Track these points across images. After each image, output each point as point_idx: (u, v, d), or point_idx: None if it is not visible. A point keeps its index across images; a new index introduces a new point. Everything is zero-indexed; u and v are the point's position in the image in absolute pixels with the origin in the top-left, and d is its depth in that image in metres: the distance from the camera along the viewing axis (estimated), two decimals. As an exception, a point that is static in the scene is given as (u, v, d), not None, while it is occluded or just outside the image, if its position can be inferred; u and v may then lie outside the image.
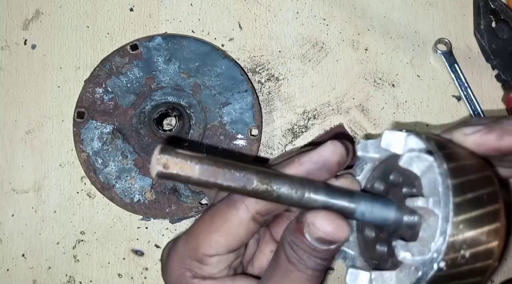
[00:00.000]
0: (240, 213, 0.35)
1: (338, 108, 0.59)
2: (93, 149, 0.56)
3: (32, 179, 0.57)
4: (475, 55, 0.61)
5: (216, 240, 0.36)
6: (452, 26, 0.61)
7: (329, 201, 0.31)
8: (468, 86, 0.60)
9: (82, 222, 0.57)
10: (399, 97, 0.60)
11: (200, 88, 0.57)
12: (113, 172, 0.55)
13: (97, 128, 0.56)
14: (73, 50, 0.59)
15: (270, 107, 0.59)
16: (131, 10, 0.60)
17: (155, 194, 0.55)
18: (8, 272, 0.56)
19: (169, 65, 0.57)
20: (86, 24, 0.59)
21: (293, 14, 0.60)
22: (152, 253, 0.57)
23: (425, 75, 0.60)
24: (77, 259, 0.56)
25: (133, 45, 0.57)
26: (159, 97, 0.56)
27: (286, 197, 0.29)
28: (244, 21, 0.60)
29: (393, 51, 0.60)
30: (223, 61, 0.57)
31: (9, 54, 0.59)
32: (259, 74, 0.59)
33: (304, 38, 0.60)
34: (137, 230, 0.57)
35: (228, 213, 0.35)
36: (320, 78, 0.60)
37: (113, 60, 0.57)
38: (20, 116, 0.58)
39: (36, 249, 0.56)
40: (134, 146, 0.56)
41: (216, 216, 0.36)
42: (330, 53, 0.60)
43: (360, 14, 0.61)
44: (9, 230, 0.56)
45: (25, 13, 0.59)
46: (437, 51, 0.60)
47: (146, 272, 0.56)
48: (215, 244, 0.36)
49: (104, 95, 0.56)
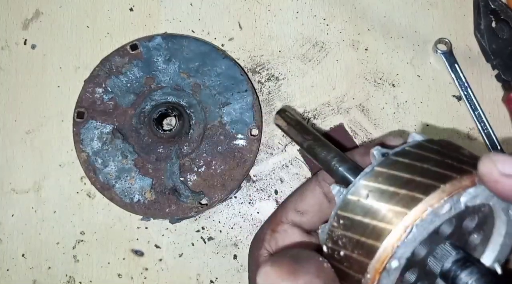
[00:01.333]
0: (312, 180, 0.40)
1: (338, 108, 0.59)
2: (93, 149, 0.56)
3: (32, 179, 0.57)
4: (475, 55, 0.61)
5: (289, 200, 0.40)
6: (452, 26, 0.61)
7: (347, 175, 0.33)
8: (468, 86, 0.59)
9: (82, 222, 0.57)
10: (399, 97, 0.60)
11: (200, 88, 0.57)
12: (113, 172, 0.55)
13: (97, 128, 0.56)
14: (73, 50, 0.59)
15: (270, 107, 0.59)
16: (131, 10, 0.60)
17: (155, 194, 0.55)
18: (8, 272, 0.56)
19: (169, 65, 0.57)
20: (86, 24, 0.59)
21: (293, 14, 0.60)
22: (152, 253, 0.57)
23: (425, 75, 0.60)
24: (77, 259, 0.56)
25: (133, 45, 0.57)
26: (159, 97, 0.56)
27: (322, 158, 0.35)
28: (244, 21, 0.60)
29: (393, 51, 0.60)
30: (223, 61, 0.57)
31: (9, 54, 0.59)
32: (259, 74, 0.59)
33: (304, 38, 0.60)
34: (137, 230, 0.57)
35: (303, 184, 0.41)
36: (320, 78, 0.60)
37: (113, 60, 0.57)
38: (20, 116, 0.58)
39: (36, 249, 0.56)
40: (134, 146, 0.56)
41: (297, 188, 0.42)
42: (330, 53, 0.60)
43: (360, 14, 0.61)
44: (9, 230, 0.56)
45: (25, 13, 0.59)
46: (437, 51, 0.60)
47: (146, 272, 0.56)
48: (287, 204, 0.40)
49: (104, 95, 0.56)
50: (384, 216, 0.26)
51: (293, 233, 0.40)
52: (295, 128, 0.40)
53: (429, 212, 0.25)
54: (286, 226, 0.40)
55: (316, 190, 0.40)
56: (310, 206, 0.40)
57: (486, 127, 0.59)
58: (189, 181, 0.56)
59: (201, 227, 0.57)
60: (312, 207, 0.40)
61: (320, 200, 0.40)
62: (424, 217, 0.25)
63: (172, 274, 0.57)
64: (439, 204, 0.25)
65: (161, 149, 0.56)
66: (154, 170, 0.56)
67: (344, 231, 0.28)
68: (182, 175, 0.55)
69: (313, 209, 0.40)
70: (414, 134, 0.31)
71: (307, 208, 0.40)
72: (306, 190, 0.40)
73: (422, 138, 0.30)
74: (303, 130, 0.39)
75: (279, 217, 0.40)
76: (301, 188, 0.41)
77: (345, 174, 0.33)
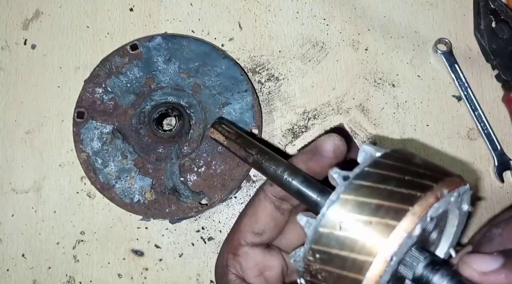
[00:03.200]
0: (260, 196, 0.40)
1: (338, 108, 0.59)
2: (93, 149, 0.56)
3: (32, 179, 0.57)
4: (475, 55, 0.61)
5: (244, 223, 0.40)
6: (452, 26, 0.61)
7: (302, 187, 0.34)
8: (468, 86, 0.59)
9: (82, 222, 0.57)
10: (399, 97, 0.60)
11: (200, 88, 0.57)
12: (113, 172, 0.55)
13: (97, 128, 0.56)
14: (73, 50, 0.59)
15: (270, 107, 0.59)
16: (131, 10, 0.60)
17: (155, 194, 0.55)
18: (8, 272, 0.56)
19: (169, 65, 0.57)
20: (86, 24, 0.59)
21: (293, 14, 0.60)
22: (152, 253, 0.57)
23: (425, 75, 0.60)
24: (77, 259, 0.56)
25: (133, 45, 0.57)
26: (159, 97, 0.56)
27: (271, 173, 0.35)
28: (244, 21, 0.60)
29: (393, 51, 0.60)
30: (223, 61, 0.57)
31: (9, 54, 0.59)
32: (259, 74, 0.59)
33: (304, 38, 0.60)
34: (137, 230, 0.57)
35: (252, 200, 0.41)
36: (320, 78, 0.60)
37: (113, 60, 0.57)
38: (20, 116, 0.58)
39: (36, 249, 0.56)
40: (134, 146, 0.56)
41: (246, 206, 0.42)
42: (330, 53, 0.60)
43: (360, 14, 0.61)
44: (9, 230, 0.56)
45: (25, 13, 0.59)
46: (437, 51, 0.60)
47: (146, 272, 0.56)
48: (243, 227, 0.40)
49: (104, 95, 0.56)
50: (361, 247, 0.26)
51: (255, 253, 0.40)
52: (236, 142, 0.38)
53: (405, 238, 0.26)
54: (246, 248, 0.40)
55: (267, 208, 0.40)
56: (266, 225, 0.40)
57: (486, 127, 0.59)
58: (189, 181, 0.56)
59: (201, 227, 0.57)
60: (268, 226, 0.40)
61: (274, 216, 0.40)
62: (401, 242, 0.26)
63: (172, 274, 0.57)
64: (412, 227, 0.26)
65: (161, 149, 0.56)
66: (154, 170, 0.56)
67: (322, 265, 0.28)
68: (182, 175, 0.55)
69: (269, 226, 0.40)
70: (365, 146, 0.31)
71: (263, 228, 0.40)
72: (258, 209, 0.40)
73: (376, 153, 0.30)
74: (245, 143, 0.38)
75: (236, 240, 0.41)
76: (252, 207, 0.41)
77: (300, 188, 0.33)
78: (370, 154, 0.31)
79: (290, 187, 0.34)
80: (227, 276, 0.41)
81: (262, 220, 0.40)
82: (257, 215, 0.40)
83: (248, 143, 0.37)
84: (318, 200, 0.33)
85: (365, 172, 0.29)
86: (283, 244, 0.42)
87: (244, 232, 0.40)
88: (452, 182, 0.28)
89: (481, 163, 0.59)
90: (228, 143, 0.38)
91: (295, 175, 0.34)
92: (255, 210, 0.40)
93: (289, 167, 0.35)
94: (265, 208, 0.40)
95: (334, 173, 0.30)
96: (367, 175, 0.28)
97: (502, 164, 0.59)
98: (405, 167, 0.29)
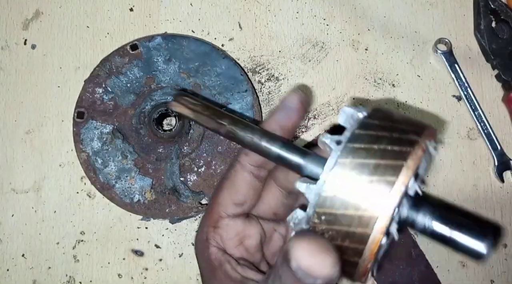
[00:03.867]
0: (236, 168, 0.40)
1: (338, 108, 0.59)
2: (93, 149, 0.56)
3: (32, 179, 0.57)
4: (475, 55, 0.61)
5: (223, 196, 0.40)
6: (452, 26, 0.61)
7: (282, 152, 0.34)
8: (468, 86, 0.59)
9: (82, 222, 0.57)
10: (399, 97, 0.60)
11: (200, 88, 0.57)
12: (113, 172, 0.55)
13: (97, 128, 0.56)
14: (73, 50, 0.59)
15: (270, 107, 0.59)
16: (131, 10, 0.60)
17: (155, 194, 0.55)
18: (8, 272, 0.56)
19: (169, 65, 0.57)
20: (86, 24, 0.59)
21: (293, 14, 0.60)
22: (152, 253, 0.57)
23: (425, 75, 0.60)
24: (77, 259, 0.56)
25: (133, 45, 0.57)
26: (159, 97, 0.56)
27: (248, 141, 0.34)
28: (244, 21, 0.60)
29: (393, 51, 0.60)
30: (223, 61, 0.57)
31: (9, 54, 0.59)
32: (259, 74, 0.59)
33: (304, 38, 0.60)
34: (137, 230, 0.57)
35: (228, 173, 0.41)
36: (320, 78, 0.60)
37: (113, 60, 0.57)
38: (20, 116, 0.58)
39: (36, 249, 0.56)
40: (134, 146, 0.56)
41: (222, 180, 0.41)
42: (330, 53, 0.60)
43: (360, 14, 0.61)
44: (9, 230, 0.56)
45: (25, 13, 0.59)
46: (437, 51, 0.60)
47: (146, 272, 0.56)
48: (222, 200, 0.40)
49: (104, 95, 0.56)
50: (367, 205, 0.28)
51: (236, 224, 0.41)
52: (204, 114, 0.36)
53: (404, 191, 0.28)
54: (227, 220, 0.41)
55: (246, 177, 0.40)
56: (246, 195, 0.40)
57: (486, 127, 0.59)
58: (189, 181, 0.56)
59: (201, 227, 0.57)
60: (248, 195, 0.40)
61: (253, 185, 0.40)
62: (401, 195, 0.28)
63: (172, 274, 0.57)
64: (408, 180, 0.28)
65: (161, 149, 0.56)
66: (154, 170, 0.56)
67: (329, 225, 0.29)
68: (182, 175, 0.55)
69: (249, 195, 0.41)
70: (345, 108, 0.33)
71: (244, 198, 0.40)
72: (237, 180, 0.40)
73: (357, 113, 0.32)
74: (215, 114, 0.36)
75: (216, 213, 0.41)
76: (229, 180, 0.41)
77: (280, 153, 0.34)
78: (351, 116, 0.32)
79: (270, 154, 0.34)
80: (208, 250, 0.41)
81: (242, 190, 0.40)
82: (236, 186, 0.40)
83: (218, 114, 0.36)
84: (301, 162, 0.33)
85: (356, 135, 0.30)
86: (260, 210, 0.43)
87: (224, 205, 0.40)
88: (430, 133, 0.30)
89: (481, 163, 0.59)
90: (195, 115, 0.36)
91: (274, 141, 0.34)
92: (234, 182, 0.40)
93: (265, 133, 0.35)
94: (244, 178, 0.40)
95: (325, 139, 0.31)
96: (359, 137, 0.30)
97: (502, 164, 0.59)
98: (390, 125, 0.31)
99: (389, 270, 0.56)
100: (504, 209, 0.59)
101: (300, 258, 0.28)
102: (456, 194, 0.59)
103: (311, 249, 0.28)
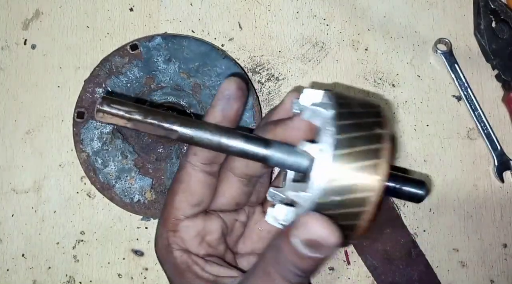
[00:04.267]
0: (188, 169, 0.40)
1: (338, 108, 0.59)
2: (93, 149, 0.56)
3: (32, 179, 0.57)
4: (475, 55, 0.61)
5: (178, 200, 0.40)
6: (452, 26, 0.61)
7: (245, 146, 0.34)
8: (468, 86, 0.60)
9: (82, 222, 0.57)
10: (399, 97, 0.60)
11: (200, 88, 0.57)
12: (113, 172, 0.55)
13: (97, 128, 0.56)
14: (73, 50, 0.59)
15: (270, 107, 0.59)
16: (131, 10, 0.60)
17: (155, 194, 0.55)
18: (8, 272, 0.56)
19: (169, 65, 0.57)
20: (86, 24, 0.59)
21: (293, 14, 0.60)
22: (152, 253, 0.57)
23: (425, 75, 0.60)
24: (77, 259, 0.56)
25: (133, 45, 0.57)
26: (159, 97, 0.56)
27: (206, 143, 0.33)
28: (244, 21, 0.60)
29: (393, 51, 0.60)
30: (223, 61, 0.57)
31: (9, 54, 0.59)
32: (259, 74, 0.59)
33: (304, 38, 0.60)
34: (137, 230, 0.57)
35: (179, 175, 0.41)
36: (320, 78, 0.60)
37: (113, 60, 0.57)
38: (20, 116, 0.58)
39: (36, 249, 0.56)
40: (134, 146, 0.56)
41: (174, 183, 0.41)
42: (330, 53, 0.60)
43: (360, 14, 0.61)
44: (9, 230, 0.56)
45: (25, 13, 0.59)
46: (437, 51, 0.60)
47: (146, 272, 0.56)
48: (178, 204, 0.40)
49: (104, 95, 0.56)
50: (363, 187, 0.32)
51: (195, 224, 0.41)
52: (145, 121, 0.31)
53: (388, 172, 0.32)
54: (186, 222, 0.41)
55: (200, 177, 0.40)
56: (202, 195, 0.40)
57: (486, 127, 0.59)
58: (189, 181, 0.56)
59: (201, 227, 0.57)
60: (204, 194, 0.41)
61: (207, 183, 0.40)
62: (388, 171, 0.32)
63: (172, 274, 0.57)
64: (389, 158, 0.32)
65: (161, 149, 0.56)
66: (154, 170, 0.56)
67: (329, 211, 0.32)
68: (182, 175, 0.56)
69: (205, 195, 0.41)
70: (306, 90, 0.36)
71: (201, 198, 0.40)
72: (190, 182, 0.40)
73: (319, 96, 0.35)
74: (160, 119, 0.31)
75: (174, 217, 0.41)
76: (182, 183, 0.40)
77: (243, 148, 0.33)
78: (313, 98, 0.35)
79: (231, 150, 0.34)
80: (172, 254, 0.40)
81: (198, 191, 0.40)
82: (191, 188, 0.40)
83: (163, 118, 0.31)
84: (267, 153, 0.34)
85: (339, 126, 0.32)
86: (220, 203, 0.43)
87: (181, 209, 0.40)
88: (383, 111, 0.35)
89: (481, 163, 0.59)
90: (133, 124, 0.31)
91: (234, 137, 0.33)
92: (188, 184, 0.40)
93: (221, 129, 0.33)
94: (198, 179, 0.40)
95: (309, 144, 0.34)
96: (342, 128, 0.32)
97: (502, 164, 0.59)
98: (358, 111, 0.33)
99: (389, 270, 0.56)
100: (504, 209, 0.59)
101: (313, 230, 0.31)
102: (456, 194, 0.59)
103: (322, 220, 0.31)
